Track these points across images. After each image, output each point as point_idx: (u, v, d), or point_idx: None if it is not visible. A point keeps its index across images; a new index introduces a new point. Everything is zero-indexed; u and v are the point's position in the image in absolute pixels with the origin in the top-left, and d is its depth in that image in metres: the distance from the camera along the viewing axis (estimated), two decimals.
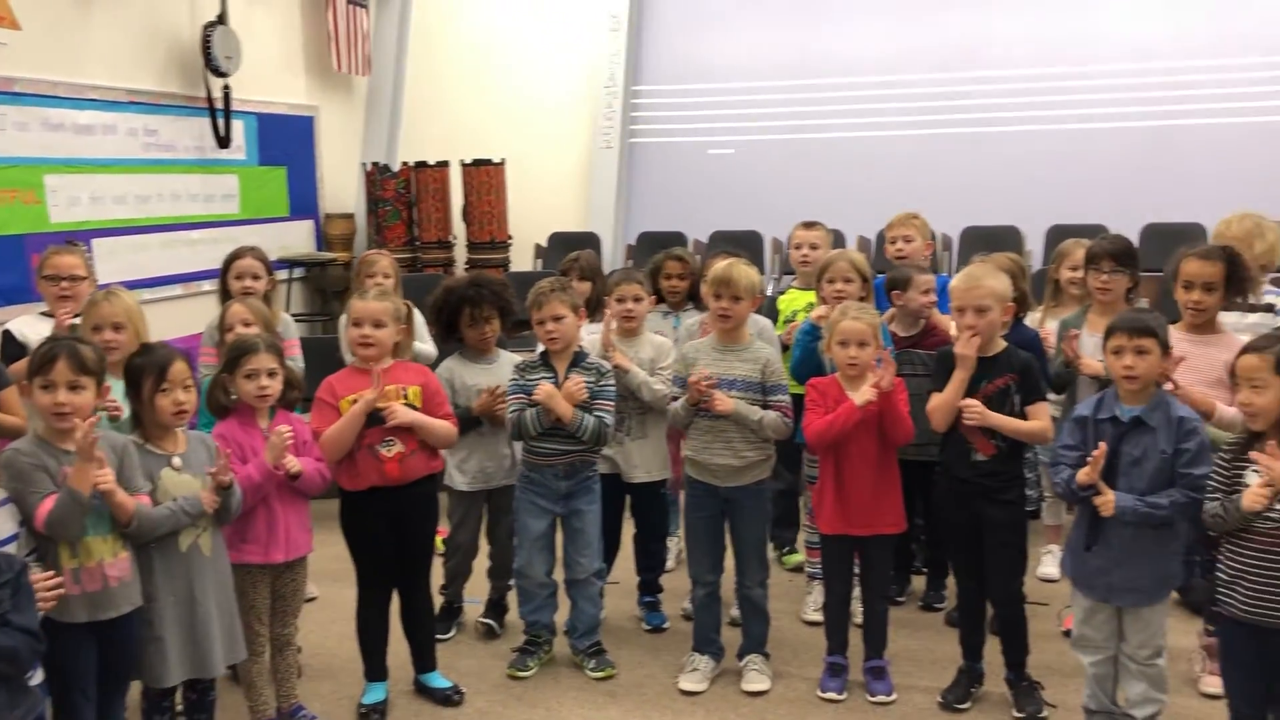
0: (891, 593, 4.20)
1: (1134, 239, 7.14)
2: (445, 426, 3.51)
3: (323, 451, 3.32)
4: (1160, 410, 2.94)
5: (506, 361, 3.93)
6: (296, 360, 4.20)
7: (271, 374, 3.19)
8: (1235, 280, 3.52)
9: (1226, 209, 4.19)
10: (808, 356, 3.90)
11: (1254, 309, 3.69)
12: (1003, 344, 3.43)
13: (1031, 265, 6.74)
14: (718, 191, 8.82)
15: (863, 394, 3.36)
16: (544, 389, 3.57)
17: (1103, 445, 2.91)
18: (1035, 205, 7.96)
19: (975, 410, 3.28)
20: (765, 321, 4.14)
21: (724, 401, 3.49)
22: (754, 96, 8.88)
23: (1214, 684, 3.33)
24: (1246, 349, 2.81)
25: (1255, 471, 2.68)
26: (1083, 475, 2.93)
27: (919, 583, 4.41)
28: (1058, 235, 6.99)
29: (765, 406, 3.54)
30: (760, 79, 8.86)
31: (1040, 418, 3.32)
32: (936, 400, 3.40)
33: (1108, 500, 2.90)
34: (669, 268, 4.55)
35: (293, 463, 3.15)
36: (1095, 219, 7.32)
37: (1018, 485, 3.41)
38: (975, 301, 3.34)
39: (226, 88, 6.75)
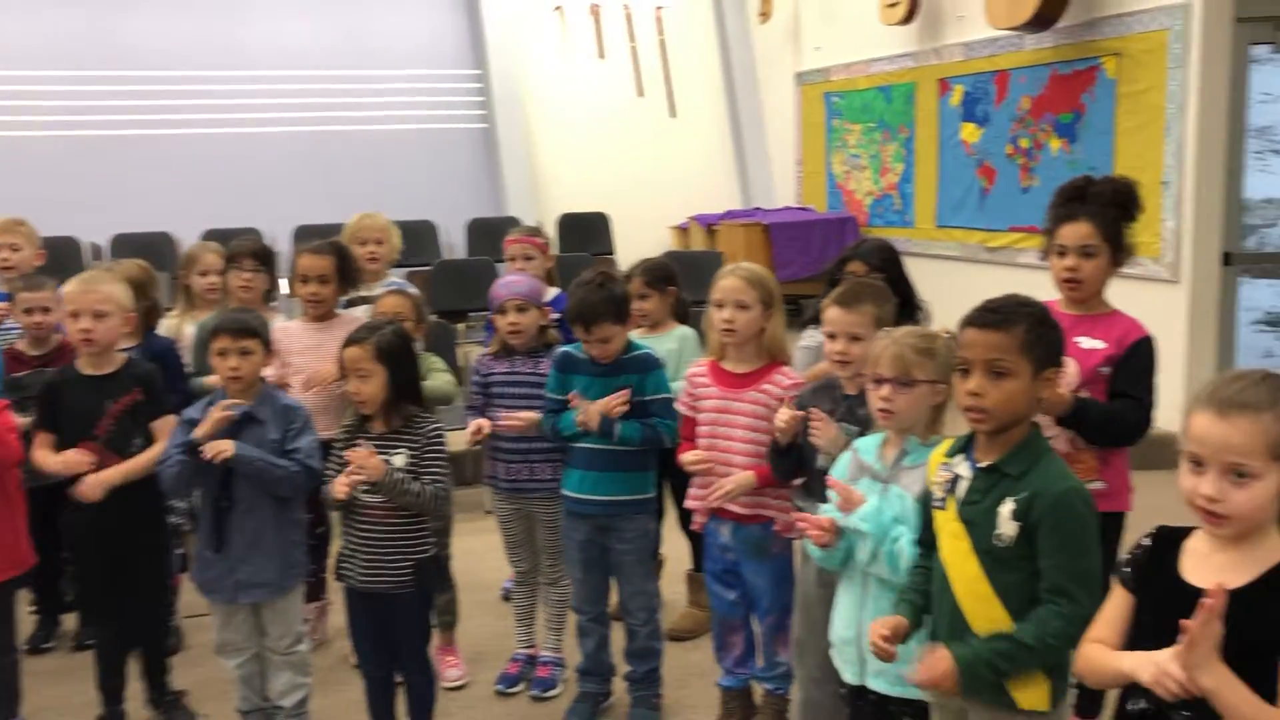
0: (34, 641, 3.80)
1: (287, 240, 7.48)
2: None
3: None
4: (268, 404, 2.99)
5: None
6: None
7: None
8: (346, 272, 3.76)
9: (362, 209, 4.56)
10: None
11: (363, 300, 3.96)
12: (123, 358, 3.24)
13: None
14: None
15: None
16: None
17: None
18: (190, 210, 7.83)
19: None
20: None
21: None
22: None
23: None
24: (348, 340, 2.96)
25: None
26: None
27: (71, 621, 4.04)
28: (216, 239, 6.95)
29: None
30: None
31: (163, 435, 3.15)
32: None
33: (224, 450, 2.81)
34: None
35: None
36: (250, 222, 7.44)
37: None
38: (90, 307, 3.12)
39: None
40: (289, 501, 3.01)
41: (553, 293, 4.19)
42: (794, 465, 2.83)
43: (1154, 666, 1.63)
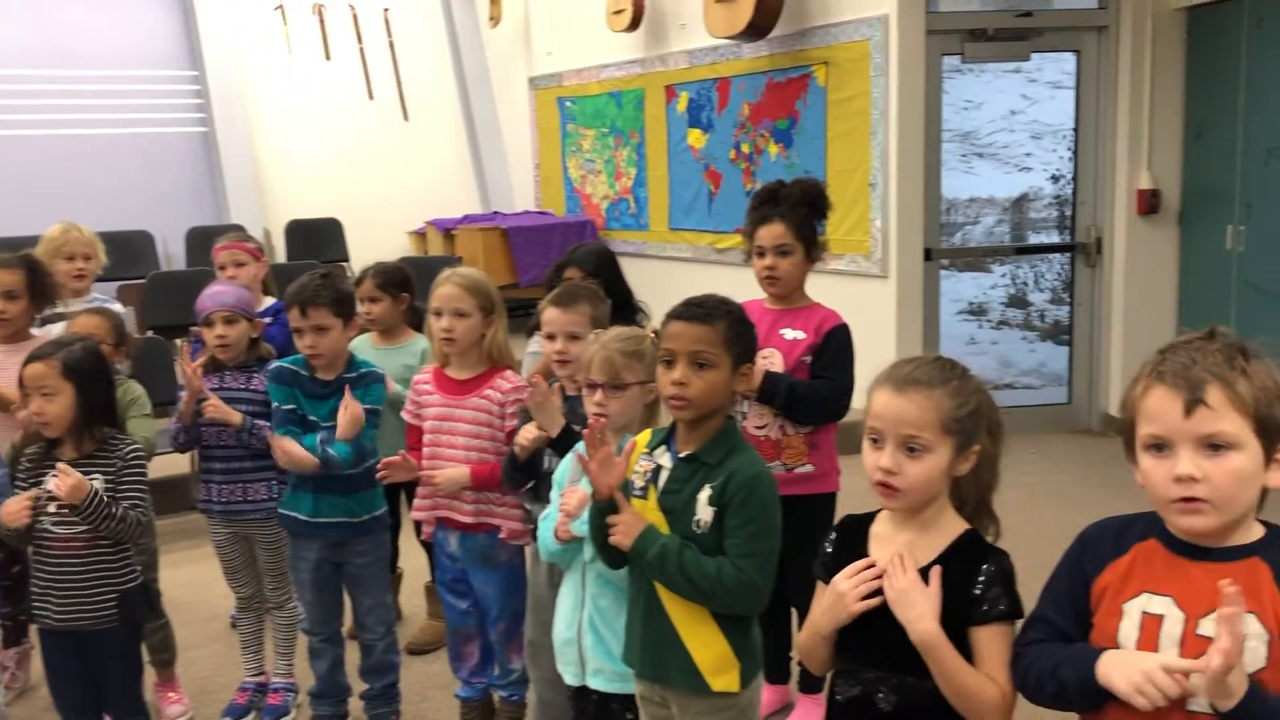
0: None
1: None
2: None
3: None
4: None
5: None
6: None
7: None
8: (39, 287, 3.51)
9: (58, 218, 4.27)
10: None
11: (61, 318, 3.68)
12: None
13: None
14: None
15: None
16: None
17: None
18: None
19: None
20: None
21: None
22: None
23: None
24: (30, 357, 2.76)
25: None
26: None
27: None
28: None
29: None
30: None
31: None
32: None
33: None
34: None
35: None
36: None
37: None
38: None
39: None
40: None
41: (268, 302, 4.02)
42: (526, 476, 2.83)
43: (828, 607, 1.77)
